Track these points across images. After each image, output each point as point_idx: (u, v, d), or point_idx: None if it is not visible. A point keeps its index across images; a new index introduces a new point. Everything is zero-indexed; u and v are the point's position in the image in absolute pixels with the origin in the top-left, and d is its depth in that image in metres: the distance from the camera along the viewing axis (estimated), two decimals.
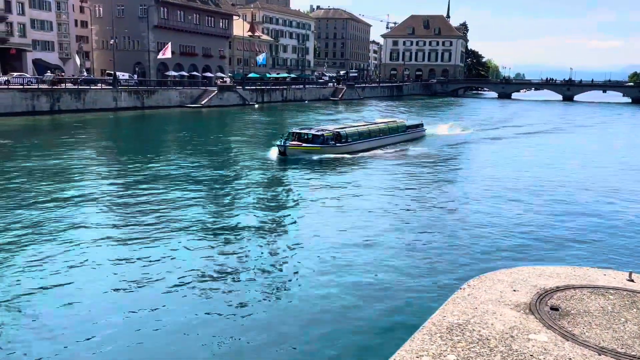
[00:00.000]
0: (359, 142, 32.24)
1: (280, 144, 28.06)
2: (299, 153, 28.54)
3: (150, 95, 61.09)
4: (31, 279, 11.54)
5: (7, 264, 12.35)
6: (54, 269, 12.12)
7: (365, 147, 32.65)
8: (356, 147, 31.75)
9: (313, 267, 12.51)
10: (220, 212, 17.75)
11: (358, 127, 34.22)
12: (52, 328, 9.42)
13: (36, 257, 12.77)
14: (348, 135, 31.60)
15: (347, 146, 30.95)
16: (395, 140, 36.65)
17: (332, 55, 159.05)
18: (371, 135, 34.20)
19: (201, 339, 9.10)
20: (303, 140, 29.52)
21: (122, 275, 11.83)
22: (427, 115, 67.09)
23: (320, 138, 29.55)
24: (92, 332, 9.25)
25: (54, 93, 50.24)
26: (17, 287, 11.09)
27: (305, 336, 9.22)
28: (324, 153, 29.33)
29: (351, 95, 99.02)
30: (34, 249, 13.35)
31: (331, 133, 30.50)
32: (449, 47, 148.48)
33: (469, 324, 3.99)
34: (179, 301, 10.66)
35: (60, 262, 12.50)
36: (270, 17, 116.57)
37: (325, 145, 29.55)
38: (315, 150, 29.13)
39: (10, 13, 64.33)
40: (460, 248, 14.17)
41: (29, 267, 12.21)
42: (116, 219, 16.38)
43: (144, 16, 73.68)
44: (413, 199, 20.63)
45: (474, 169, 29.04)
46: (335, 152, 29.83)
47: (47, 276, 11.71)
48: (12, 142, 32.58)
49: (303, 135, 29.97)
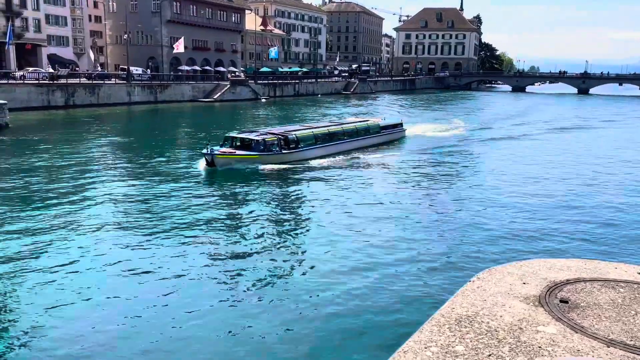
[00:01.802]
0: (314, 147, 27.14)
1: (207, 152, 22.76)
2: (231, 163, 23.46)
3: (164, 90, 61.46)
4: (47, 273, 11.75)
5: (23, 256, 12.59)
6: (60, 263, 12.33)
7: (324, 153, 27.47)
8: (311, 153, 26.71)
9: (321, 260, 12.56)
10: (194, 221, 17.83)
11: (314, 129, 28.85)
12: (62, 327, 9.60)
13: (49, 251, 13.00)
14: (299, 139, 26.41)
15: (298, 153, 25.98)
16: (365, 143, 31.43)
17: (344, 49, 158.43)
18: (332, 138, 28.94)
19: (200, 340, 9.21)
20: (240, 147, 24.80)
21: (121, 270, 11.99)
22: (437, 110, 66.83)
23: (261, 144, 24.59)
24: (99, 328, 9.42)
25: (69, 88, 50.81)
26: (36, 278, 11.31)
27: (313, 328, 9.28)
28: (266, 162, 24.31)
29: (363, 89, 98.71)
30: (46, 242, 13.58)
31: (276, 137, 25.36)
32: (462, 40, 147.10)
33: (477, 316, 4.01)
34: (188, 296, 10.79)
35: (68, 254, 12.70)
36: (282, 11, 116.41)
37: (268, 152, 24.62)
38: (253, 160, 24.11)
39: (25, 9, 65.02)
40: (470, 242, 14.14)
41: (45, 259, 12.44)
42: (126, 214, 16.57)
43: (157, 11, 74.03)
44: (421, 194, 20.58)
45: (482, 165, 28.72)
46: (281, 160, 24.81)
47: (54, 272, 11.91)
48: (29, 136, 33.05)
49: (240, 140, 25.20)
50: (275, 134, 25.88)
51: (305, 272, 11.93)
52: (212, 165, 22.78)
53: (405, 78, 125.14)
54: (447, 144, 34.84)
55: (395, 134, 35.46)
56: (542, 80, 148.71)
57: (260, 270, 11.97)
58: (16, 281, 11.19)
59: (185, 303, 10.20)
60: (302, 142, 26.54)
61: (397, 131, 35.94)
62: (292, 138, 26.05)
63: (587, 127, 48.84)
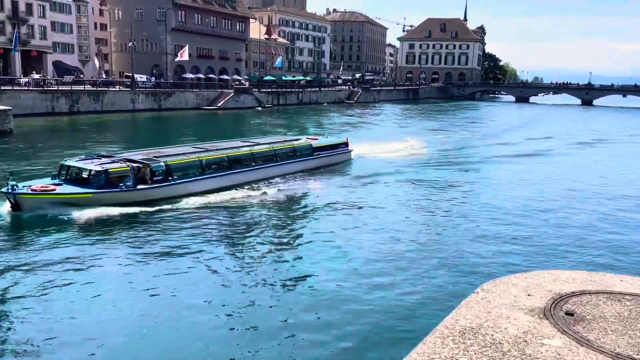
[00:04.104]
0: (199, 178, 20.12)
1: (9, 190, 15.93)
2: (47, 206, 16.26)
3: (168, 98, 61.74)
4: (56, 279, 11.74)
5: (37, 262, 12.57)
6: (70, 269, 12.31)
7: (215, 185, 20.45)
8: (192, 187, 19.59)
9: (326, 270, 12.50)
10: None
11: (203, 153, 21.75)
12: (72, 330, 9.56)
13: (57, 254, 13.00)
14: (173, 168, 19.28)
15: (167, 188, 18.81)
16: (289, 169, 24.52)
17: (347, 58, 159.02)
18: (233, 165, 21.83)
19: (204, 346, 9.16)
20: (75, 181, 17.76)
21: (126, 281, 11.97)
22: (439, 120, 66.82)
23: (100, 177, 17.55)
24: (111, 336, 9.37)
25: (73, 95, 51.05)
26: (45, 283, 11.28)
27: (314, 339, 9.20)
28: (104, 204, 16.86)
29: (366, 98, 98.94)
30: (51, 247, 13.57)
31: (128, 167, 18.11)
32: (465, 50, 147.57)
33: (482, 328, 3.96)
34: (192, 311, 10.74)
35: (76, 263, 12.69)
36: (286, 20, 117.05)
37: (110, 189, 17.44)
38: (80, 200, 16.69)
39: (31, 16, 65.50)
40: (473, 253, 14.06)
41: (55, 264, 12.43)
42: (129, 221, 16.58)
43: (162, 19, 74.50)
44: (425, 207, 20.53)
45: (486, 178, 28.62)
46: (135, 200, 17.62)
47: (68, 278, 11.90)
48: (33, 142, 33.15)
49: (76, 170, 18.11)
50: (133, 161, 18.72)
51: (308, 285, 11.89)
52: (18, 209, 16.04)
53: (409, 87, 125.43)
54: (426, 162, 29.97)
55: (334, 157, 28.28)
56: (545, 91, 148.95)
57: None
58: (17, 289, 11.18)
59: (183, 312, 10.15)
60: (179, 171, 19.55)
61: (338, 153, 28.81)
62: (159, 167, 18.84)
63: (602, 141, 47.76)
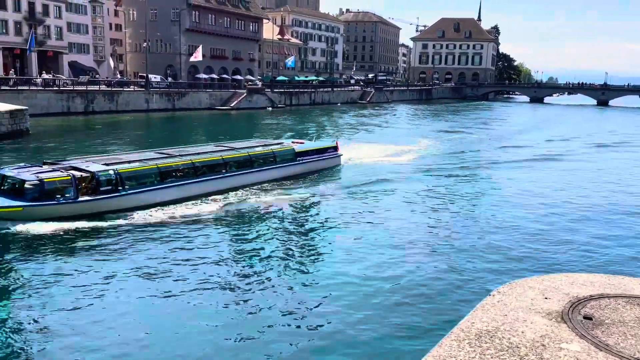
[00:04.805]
0: (155, 188, 17.97)
1: None
2: None
3: (181, 98, 62.14)
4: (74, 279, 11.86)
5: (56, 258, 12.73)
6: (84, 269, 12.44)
7: (177, 195, 18.37)
8: (147, 198, 17.64)
9: (341, 273, 12.45)
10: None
11: (163, 160, 19.23)
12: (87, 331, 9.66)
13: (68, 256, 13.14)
14: (124, 176, 17.19)
15: (115, 200, 16.73)
16: (267, 176, 22.48)
17: (360, 58, 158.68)
18: (200, 172, 19.69)
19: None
20: (8, 192, 15.91)
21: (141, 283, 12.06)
22: (451, 121, 66.35)
23: (35, 188, 15.72)
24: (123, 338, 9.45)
25: (88, 95, 51.59)
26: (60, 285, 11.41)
27: (330, 342, 9.18)
28: (38, 219, 15.12)
29: (379, 98, 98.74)
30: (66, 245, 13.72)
31: (68, 176, 16.08)
32: (479, 50, 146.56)
33: (498, 331, 3.91)
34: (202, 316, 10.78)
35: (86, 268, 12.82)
36: (299, 20, 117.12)
37: (45, 202, 15.40)
38: (11, 215, 14.99)
39: (47, 16, 66.29)
40: (489, 255, 13.92)
41: (65, 262, 12.58)
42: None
43: (176, 20, 74.95)
44: (435, 210, 20.40)
45: (502, 180, 28.30)
46: (76, 213, 15.78)
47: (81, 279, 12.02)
48: (49, 141, 33.55)
49: (10, 180, 16.24)
50: (78, 169, 16.73)
51: (324, 287, 11.87)
52: None
53: (422, 88, 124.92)
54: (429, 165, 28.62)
55: (321, 162, 26.14)
56: (560, 91, 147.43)
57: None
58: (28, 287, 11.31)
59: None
60: (132, 180, 17.55)
61: (326, 158, 26.63)
62: (107, 175, 16.84)
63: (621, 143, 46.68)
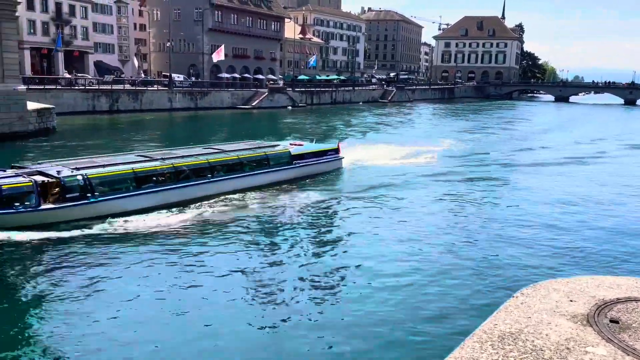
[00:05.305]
0: (131, 194, 16.78)
1: None
2: None
3: (204, 97, 62.73)
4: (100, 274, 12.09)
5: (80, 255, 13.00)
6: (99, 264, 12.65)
7: (156, 202, 17.20)
8: (121, 205, 16.34)
9: (361, 275, 12.39)
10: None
11: (139, 164, 17.96)
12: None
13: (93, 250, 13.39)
14: (94, 182, 15.99)
15: (83, 207, 15.54)
16: (254, 182, 20.93)
17: (382, 57, 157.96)
18: (179, 177, 18.24)
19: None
20: None
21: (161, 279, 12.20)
22: (473, 120, 65.56)
23: None
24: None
25: (113, 94, 52.48)
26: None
27: (351, 343, 9.15)
28: None
29: (401, 97, 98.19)
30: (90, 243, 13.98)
31: (30, 182, 14.89)
32: (503, 48, 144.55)
33: (522, 333, 3.85)
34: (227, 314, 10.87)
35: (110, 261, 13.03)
36: (321, 19, 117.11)
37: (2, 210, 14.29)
38: None
39: (74, 17, 67.60)
40: (512, 257, 13.71)
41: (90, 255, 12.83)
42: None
43: (199, 19, 75.65)
44: (460, 211, 20.20)
45: (526, 180, 27.89)
46: (37, 222, 14.54)
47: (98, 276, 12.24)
48: (74, 140, 34.19)
49: None
50: (44, 174, 15.58)
51: (343, 289, 11.85)
52: None
53: (444, 87, 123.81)
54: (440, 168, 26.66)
55: (319, 166, 24.68)
56: (586, 90, 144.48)
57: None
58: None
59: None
60: (103, 186, 16.32)
61: (325, 161, 25.24)
62: (74, 181, 15.64)
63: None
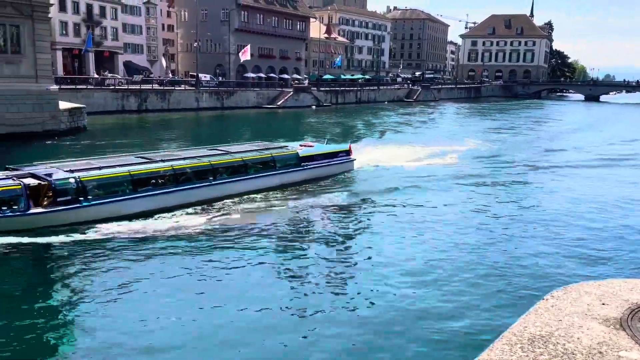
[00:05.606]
0: (127, 197, 16.30)
1: None
2: None
3: (230, 96, 63.38)
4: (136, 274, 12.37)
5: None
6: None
7: (155, 205, 16.65)
8: (115, 209, 15.87)
9: (391, 276, 12.30)
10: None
11: (136, 166, 17.46)
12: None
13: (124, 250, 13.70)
14: (87, 185, 15.55)
15: (75, 211, 15.12)
16: (259, 184, 20.24)
17: (407, 56, 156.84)
18: (178, 179, 17.72)
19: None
20: None
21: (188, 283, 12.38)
22: (500, 119, 64.56)
23: None
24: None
25: (142, 94, 53.44)
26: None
27: (380, 344, 9.15)
28: None
29: (426, 96, 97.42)
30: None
31: (18, 185, 14.55)
32: (531, 47, 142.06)
33: (552, 336, 3.82)
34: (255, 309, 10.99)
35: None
36: (346, 19, 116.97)
37: None
38: None
39: (104, 18, 69.01)
40: (541, 259, 13.48)
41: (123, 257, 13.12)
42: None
43: (225, 20, 76.38)
44: (487, 209, 19.94)
45: (557, 181, 27.38)
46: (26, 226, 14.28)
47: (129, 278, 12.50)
48: (105, 138, 34.94)
49: None
50: (35, 177, 15.28)
51: (370, 288, 11.85)
52: None
53: (470, 86, 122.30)
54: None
55: (329, 168, 23.82)
56: (617, 89, 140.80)
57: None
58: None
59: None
60: (97, 189, 15.84)
61: (335, 163, 24.27)
62: (65, 184, 15.20)
63: None
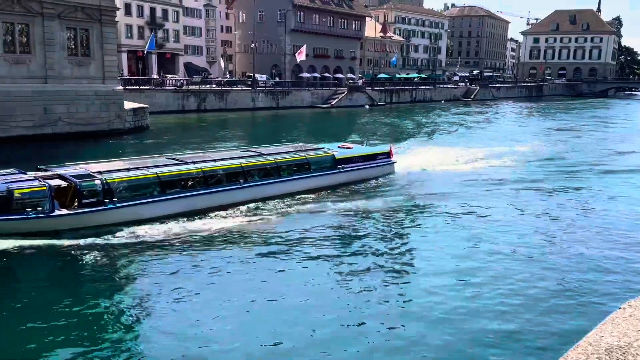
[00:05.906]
0: (153, 199, 16.15)
1: None
2: None
3: (285, 96, 64.20)
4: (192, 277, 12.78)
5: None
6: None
7: (180, 209, 16.44)
8: (143, 211, 15.76)
9: (457, 283, 12.06)
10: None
11: (163, 168, 17.26)
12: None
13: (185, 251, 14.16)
14: (113, 187, 15.39)
15: (101, 213, 14.98)
16: (292, 187, 19.72)
17: (465, 54, 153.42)
18: (208, 182, 17.47)
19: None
20: None
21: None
22: (562, 120, 61.90)
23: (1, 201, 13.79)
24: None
25: (201, 94, 55.09)
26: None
27: (450, 353, 9.01)
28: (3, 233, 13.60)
29: (484, 95, 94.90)
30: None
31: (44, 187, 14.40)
32: (598, 43, 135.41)
33: (631, 347, 3.63)
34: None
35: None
36: (402, 17, 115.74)
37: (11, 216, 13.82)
38: None
39: (167, 21, 71.59)
40: (616, 266, 12.86)
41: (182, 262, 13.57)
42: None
43: (282, 20, 77.38)
44: (553, 216, 19.20)
45: (624, 186, 25.95)
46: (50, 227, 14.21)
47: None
48: (167, 136, 36.26)
49: None
50: (61, 178, 15.22)
51: (425, 302, 11.58)
52: None
53: (531, 84, 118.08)
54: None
55: (368, 170, 23.12)
56: None
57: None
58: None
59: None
60: (124, 191, 15.69)
61: (375, 165, 23.49)
62: (91, 186, 14.98)
63: None
